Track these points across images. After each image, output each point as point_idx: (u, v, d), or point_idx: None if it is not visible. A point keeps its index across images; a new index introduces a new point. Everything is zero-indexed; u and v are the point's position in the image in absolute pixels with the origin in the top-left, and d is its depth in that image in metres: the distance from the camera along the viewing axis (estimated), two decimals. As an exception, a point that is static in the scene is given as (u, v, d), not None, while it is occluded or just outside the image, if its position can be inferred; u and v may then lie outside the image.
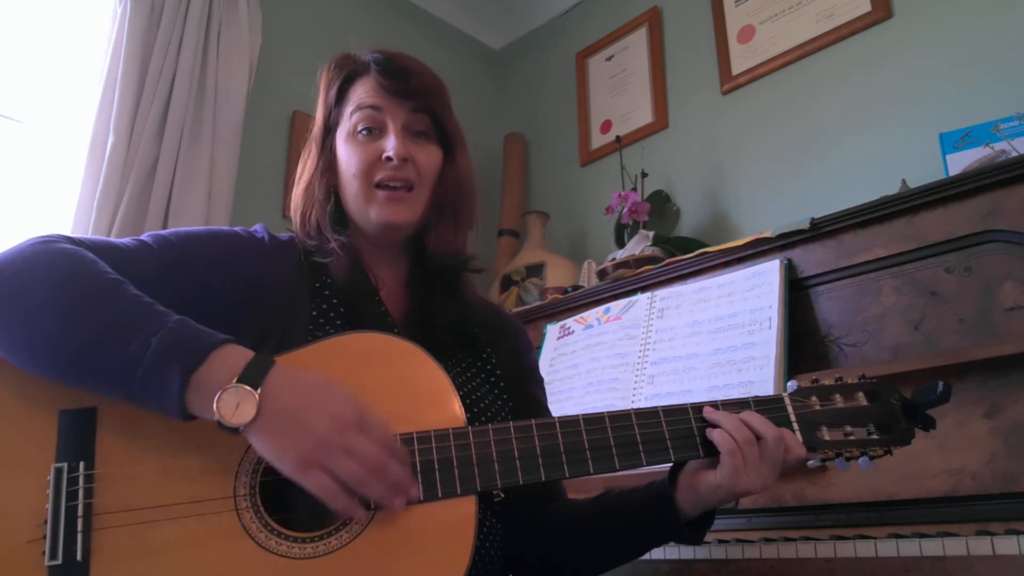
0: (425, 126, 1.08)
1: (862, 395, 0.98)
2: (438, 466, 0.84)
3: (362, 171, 1.04)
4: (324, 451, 0.75)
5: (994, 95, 1.83)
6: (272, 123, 2.53)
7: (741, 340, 1.55)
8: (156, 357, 0.75)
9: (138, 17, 2.12)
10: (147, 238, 0.95)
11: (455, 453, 0.85)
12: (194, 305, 0.91)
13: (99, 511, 0.76)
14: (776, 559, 1.19)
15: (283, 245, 1.05)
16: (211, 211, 2.14)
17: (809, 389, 0.99)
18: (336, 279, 1.02)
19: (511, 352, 1.15)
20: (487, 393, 1.05)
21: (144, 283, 0.87)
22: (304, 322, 0.97)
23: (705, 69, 2.52)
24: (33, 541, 0.74)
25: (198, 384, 0.75)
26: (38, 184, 2.08)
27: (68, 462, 0.77)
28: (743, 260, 1.71)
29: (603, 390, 1.72)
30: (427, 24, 3.10)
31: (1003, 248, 1.36)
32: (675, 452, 0.92)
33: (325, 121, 1.11)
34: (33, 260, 0.82)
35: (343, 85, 1.10)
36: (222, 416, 0.74)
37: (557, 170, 2.96)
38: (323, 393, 0.78)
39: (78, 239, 0.88)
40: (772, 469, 0.91)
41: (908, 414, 0.97)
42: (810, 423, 0.96)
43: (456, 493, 0.83)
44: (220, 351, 0.77)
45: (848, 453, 0.95)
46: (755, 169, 2.32)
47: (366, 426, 0.78)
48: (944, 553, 1.04)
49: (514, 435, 0.88)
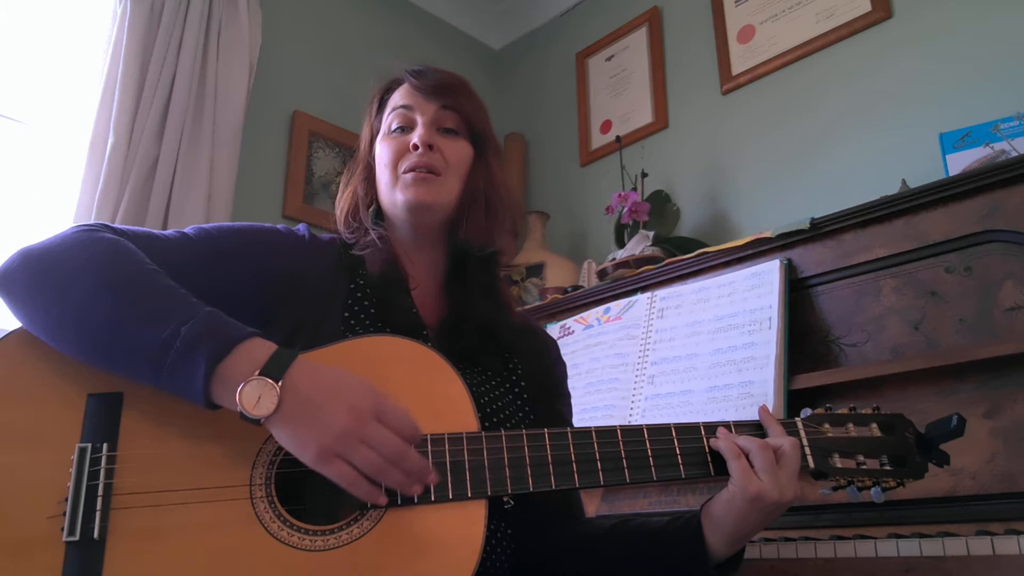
0: (454, 123, 1.10)
1: (876, 426, 0.98)
2: (450, 468, 0.84)
3: (391, 161, 1.07)
4: (343, 442, 0.77)
5: (994, 95, 1.83)
6: (272, 123, 2.53)
7: (741, 340, 1.55)
8: (184, 345, 0.77)
9: (138, 17, 2.12)
10: (189, 230, 0.98)
11: (467, 457, 0.85)
12: (226, 297, 0.93)
13: (118, 491, 0.78)
14: (776, 559, 1.19)
15: (322, 244, 1.07)
16: (211, 211, 2.14)
17: (822, 416, 0.98)
18: (371, 272, 1.04)
19: (538, 365, 1.15)
20: (509, 403, 1.05)
21: (179, 273, 0.89)
22: (336, 321, 0.98)
23: (705, 69, 2.52)
24: (53, 517, 0.76)
25: (222, 375, 0.77)
26: (38, 184, 2.09)
27: (92, 443, 0.80)
28: (743, 260, 1.71)
29: (603, 390, 1.72)
30: (427, 24, 3.10)
31: (1003, 248, 1.36)
32: (686, 469, 0.92)
33: (370, 136, 1.15)
34: (74, 247, 0.85)
35: (383, 97, 1.15)
36: (244, 407, 0.76)
37: (557, 170, 2.96)
38: (342, 385, 0.80)
39: (120, 229, 0.91)
40: (791, 477, 0.89)
41: (921, 448, 0.97)
42: (822, 449, 0.95)
43: (467, 495, 0.84)
44: (246, 344, 0.79)
45: (860, 483, 0.94)
46: (755, 169, 2.32)
47: (384, 416, 0.79)
48: (944, 553, 1.04)
49: (527, 443, 0.88)
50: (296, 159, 2.53)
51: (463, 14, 3.22)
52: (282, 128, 2.56)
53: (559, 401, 1.18)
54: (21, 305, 0.84)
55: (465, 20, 3.24)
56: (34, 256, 0.85)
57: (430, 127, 1.07)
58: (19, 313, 0.85)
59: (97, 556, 0.76)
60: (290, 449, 0.78)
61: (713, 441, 0.93)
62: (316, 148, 2.60)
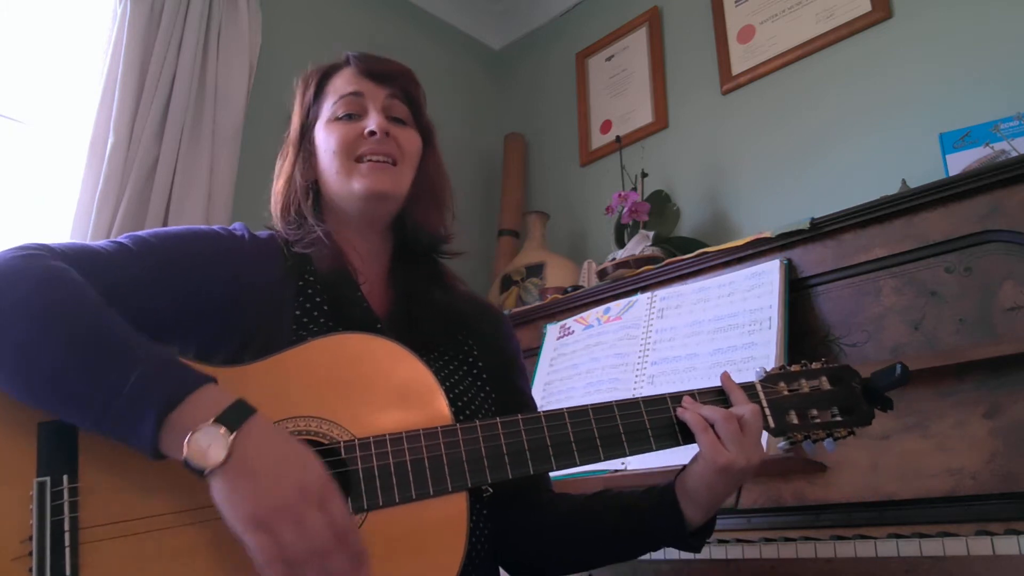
0: (403, 114, 1.10)
1: (825, 379, 1.02)
2: (428, 464, 0.84)
3: (343, 147, 1.04)
4: (278, 516, 0.70)
5: (994, 95, 1.83)
6: (272, 123, 2.52)
7: (741, 340, 1.55)
8: (132, 395, 0.72)
9: (138, 17, 2.12)
10: (125, 240, 0.93)
11: (444, 451, 0.85)
12: (176, 308, 0.90)
13: (86, 524, 0.74)
14: (776, 559, 1.19)
15: (264, 243, 1.04)
16: (211, 211, 2.14)
17: (777, 375, 1.02)
18: (319, 271, 1.01)
19: (492, 341, 1.14)
20: (470, 387, 1.05)
21: (125, 288, 0.85)
22: (288, 322, 0.95)
23: (705, 69, 2.52)
24: (18, 559, 0.72)
25: (173, 424, 0.72)
26: (38, 184, 2.08)
27: (51, 476, 0.74)
28: (743, 260, 1.71)
29: (603, 390, 1.72)
30: (427, 24, 3.10)
31: (1003, 248, 1.36)
32: (656, 441, 0.94)
33: (303, 121, 1.12)
34: (9, 275, 0.79)
35: (321, 82, 1.12)
36: (189, 453, 0.70)
37: (557, 170, 2.96)
38: (297, 458, 0.74)
39: (58, 249, 0.85)
40: (755, 443, 0.92)
41: (868, 396, 1.00)
42: (780, 408, 0.99)
43: (447, 490, 0.84)
44: (200, 392, 0.74)
45: (815, 435, 0.98)
46: (755, 169, 2.31)
47: (327, 505, 0.72)
48: (944, 553, 1.04)
49: (501, 431, 0.89)
50: (296, 159, 2.53)
51: (463, 14, 3.22)
52: (282, 128, 2.53)
53: (517, 375, 1.17)
54: None
55: (465, 20, 3.24)
56: None
57: (383, 113, 1.06)
58: None
59: None
60: (220, 504, 0.71)
61: (680, 412, 0.95)
62: (316, 148, 2.60)
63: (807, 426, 0.98)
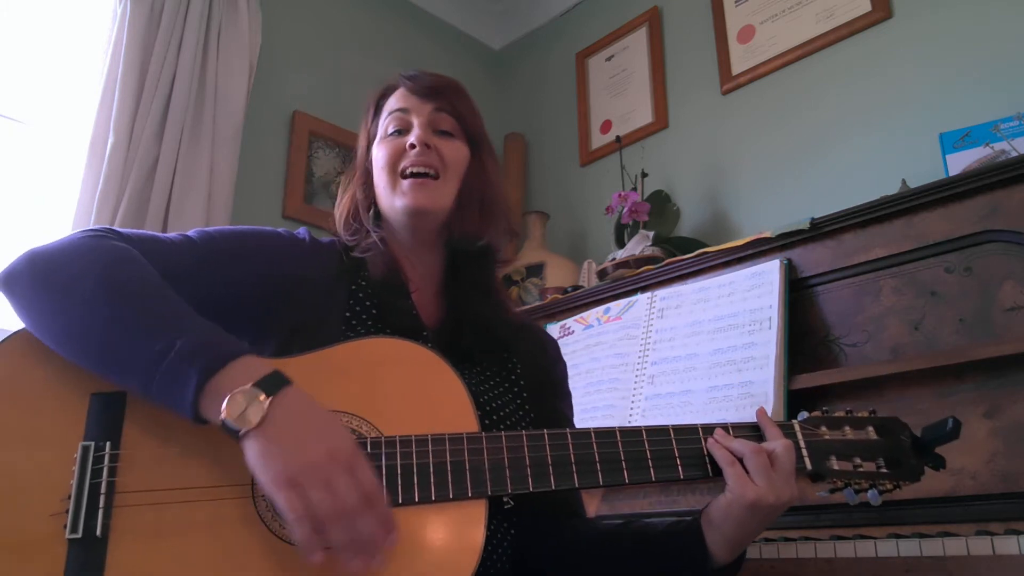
0: (450, 126, 1.11)
1: (872, 429, 0.99)
2: (450, 468, 0.85)
3: (388, 163, 1.07)
4: (308, 474, 0.73)
5: (994, 95, 1.83)
6: (272, 123, 2.53)
7: (741, 340, 1.55)
8: (178, 358, 0.77)
9: (138, 17, 2.12)
10: (192, 233, 0.99)
11: (468, 457, 0.86)
12: (226, 299, 0.95)
13: (121, 489, 0.79)
14: (776, 559, 1.19)
15: (323, 247, 1.08)
16: (211, 211, 2.14)
17: (819, 419, 0.99)
18: (372, 276, 1.04)
19: (538, 364, 1.15)
20: (508, 403, 1.05)
21: (181, 276, 0.90)
22: (338, 321, 0.99)
23: (705, 69, 2.52)
24: (56, 515, 0.77)
25: (213, 389, 0.76)
26: (38, 184, 2.08)
27: (95, 441, 0.80)
28: (743, 260, 1.71)
29: (603, 390, 1.72)
30: (427, 24, 3.10)
31: (1003, 248, 1.36)
32: (684, 470, 0.92)
33: (367, 142, 1.15)
34: (79, 252, 0.86)
35: (379, 102, 1.15)
36: (227, 415, 0.74)
37: (557, 170, 2.96)
38: (329, 425, 0.78)
39: (126, 234, 0.92)
40: (785, 479, 0.89)
41: (918, 451, 0.97)
42: (819, 451, 0.96)
43: (467, 495, 0.84)
44: (241, 360, 0.78)
45: (857, 485, 0.95)
46: (755, 169, 2.32)
47: (355, 469, 0.75)
48: (944, 553, 1.04)
49: (526, 443, 0.89)
50: (296, 159, 2.53)
51: (463, 14, 3.22)
52: (282, 128, 2.56)
53: (560, 400, 1.18)
54: (24, 307, 0.85)
55: (465, 20, 3.24)
56: (40, 259, 0.86)
57: (426, 127, 1.08)
58: (22, 314, 0.85)
59: (99, 553, 0.76)
60: (252, 464, 0.75)
61: (710, 444, 0.93)
62: (316, 148, 2.60)
63: (850, 474, 0.95)
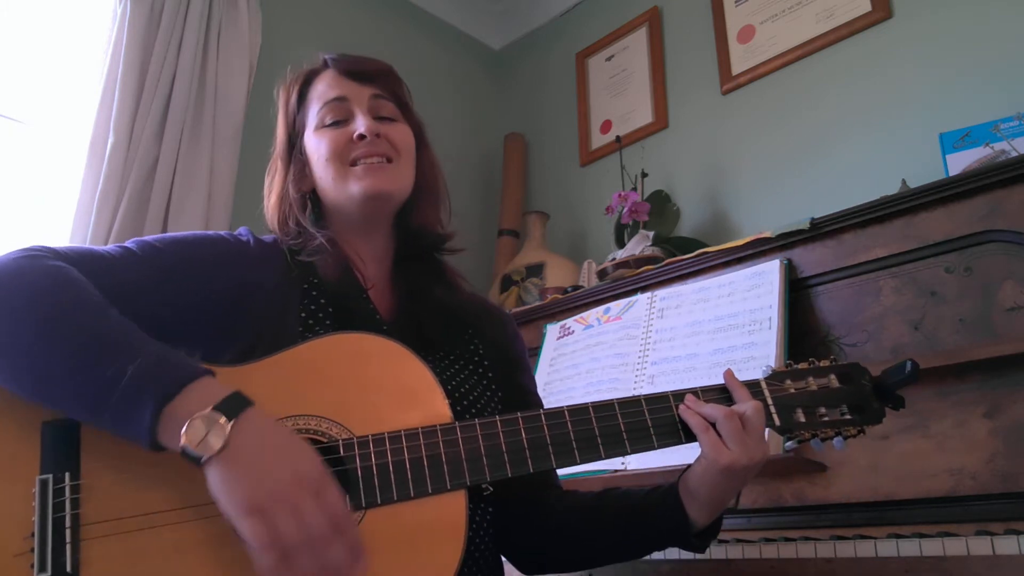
0: (391, 111, 1.08)
1: (834, 377, 1.00)
2: (427, 463, 0.84)
3: (334, 153, 1.03)
4: (274, 502, 0.70)
5: (994, 95, 1.83)
6: (272, 123, 2.52)
7: (741, 340, 1.55)
8: (131, 385, 0.73)
9: (138, 17, 2.12)
10: (132, 245, 0.93)
11: (443, 449, 0.85)
12: (182, 312, 0.91)
13: (87, 521, 0.75)
14: (776, 559, 1.19)
15: (269, 247, 1.03)
16: (211, 211, 2.14)
17: (784, 373, 1.01)
18: (324, 279, 1.01)
19: (498, 341, 1.14)
20: (476, 385, 1.05)
21: (131, 292, 0.86)
22: (294, 324, 0.95)
23: (705, 69, 2.52)
24: (20, 555, 0.73)
25: (171, 415, 0.73)
26: (38, 184, 2.08)
27: (53, 473, 0.76)
28: (743, 260, 1.71)
29: (603, 390, 1.72)
30: (427, 24, 3.10)
31: (1003, 248, 1.36)
32: (658, 439, 0.93)
33: (288, 132, 1.11)
34: (15, 275, 0.80)
35: (302, 89, 1.11)
36: (187, 441, 0.71)
37: (557, 170, 2.96)
38: (293, 447, 0.75)
39: (63, 251, 0.86)
40: (757, 441, 0.91)
41: (879, 394, 0.99)
42: (786, 406, 0.97)
43: (446, 488, 0.84)
44: (198, 383, 0.75)
45: (823, 434, 0.97)
46: (755, 169, 2.31)
47: (323, 495, 0.72)
48: (944, 553, 1.04)
49: (501, 428, 0.89)
50: (296, 159, 2.53)
51: (463, 14, 3.22)
52: (282, 128, 2.55)
53: (522, 374, 1.17)
54: None
55: (465, 20, 3.23)
56: None
57: (370, 115, 1.05)
58: None
59: None
60: (215, 493, 0.71)
61: (682, 410, 0.94)
62: (316, 148, 2.60)
63: (815, 424, 0.96)
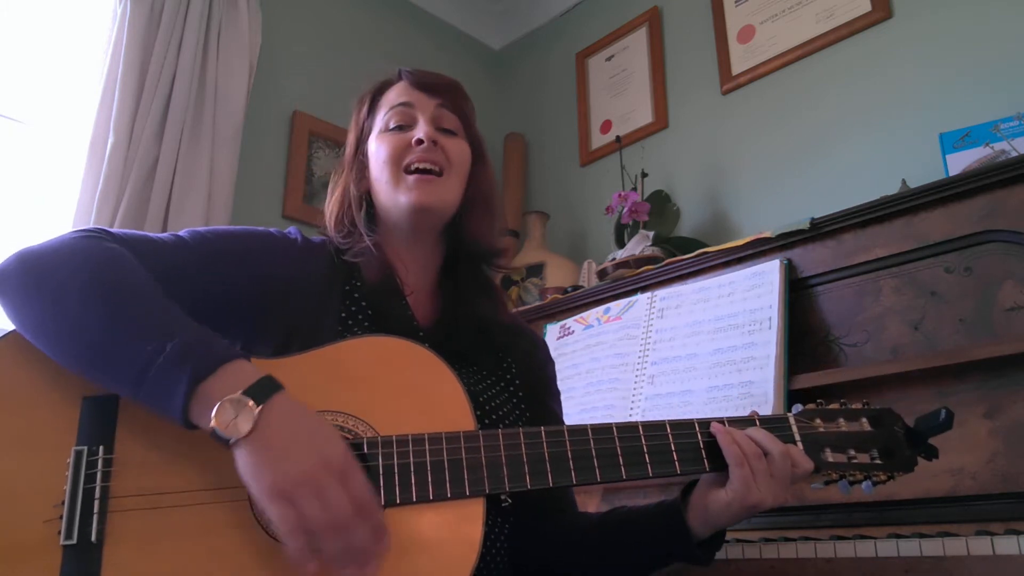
0: (453, 124, 1.10)
1: (865, 421, 0.99)
2: (448, 466, 0.84)
3: (392, 157, 1.05)
4: (300, 487, 0.72)
5: (994, 95, 1.83)
6: (272, 123, 2.53)
7: (741, 340, 1.55)
8: (168, 361, 0.76)
9: (138, 17, 2.12)
10: (184, 234, 0.97)
11: (465, 455, 0.86)
12: (220, 301, 0.93)
13: (115, 494, 0.78)
14: (776, 559, 1.19)
15: (315, 246, 1.06)
16: (211, 211, 2.14)
17: (813, 411, 0.99)
18: (366, 280, 1.03)
19: (531, 364, 1.16)
20: (505, 401, 1.05)
21: (174, 278, 0.89)
22: (333, 322, 0.98)
23: (705, 69, 2.52)
24: (49, 521, 0.76)
25: (203, 394, 0.75)
26: (38, 184, 2.08)
27: (88, 446, 0.79)
28: (743, 260, 1.71)
29: (603, 390, 1.72)
30: (427, 24, 3.10)
31: (1003, 248, 1.36)
32: (681, 465, 0.92)
33: (357, 136, 1.13)
34: (71, 253, 0.84)
35: (375, 97, 1.14)
36: (217, 423, 0.73)
37: (557, 170, 2.96)
38: (320, 432, 0.77)
39: (119, 235, 0.91)
40: (782, 484, 0.91)
41: (911, 441, 0.98)
42: (814, 443, 0.96)
43: (465, 494, 0.84)
44: (231, 365, 0.77)
45: (852, 476, 0.96)
46: (755, 169, 2.31)
47: (348, 479, 0.74)
48: (944, 553, 1.04)
49: (523, 440, 0.89)
50: (296, 159, 2.53)
51: (463, 14, 3.22)
52: (282, 128, 2.56)
53: (552, 399, 1.18)
54: (14, 308, 0.83)
55: (465, 20, 3.24)
56: (31, 259, 0.85)
57: (432, 124, 1.07)
58: (12, 316, 0.84)
59: (95, 559, 0.75)
60: (243, 476, 0.74)
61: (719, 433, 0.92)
62: (316, 148, 2.60)
63: (844, 466, 0.95)
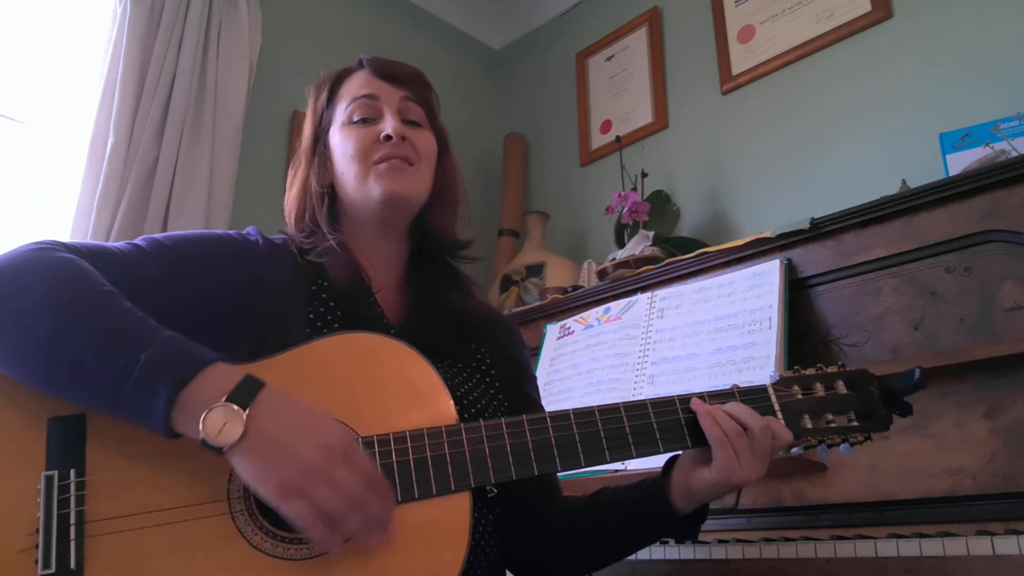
0: (418, 116, 1.09)
1: (842, 384, 1.00)
2: (432, 463, 0.84)
3: (360, 151, 1.04)
4: (308, 479, 0.73)
5: (994, 95, 1.83)
6: (272, 123, 2.53)
7: (741, 340, 1.55)
8: (144, 372, 0.73)
9: (138, 17, 2.12)
10: (141, 242, 0.94)
11: (448, 450, 0.85)
12: (192, 309, 0.91)
13: (91, 518, 0.75)
14: (776, 559, 1.19)
15: (277, 247, 1.03)
16: (211, 211, 2.14)
17: (791, 379, 1.01)
18: (333, 281, 1.01)
19: (505, 352, 1.15)
20: (483, 393, 1.05)
21: (141, 288, 0.86)
22: (302, 324, 0.96)
23: (705, 69, 2.52)
24: (25, 551, 0.73)
25: (185, 402, 0.73)
26: (38, 184, 2.08)
27: (58, 470, 0.76)
28: (743, 260, 1.71)
29: (603, 390, 1.72)
30: (427, 24, 3.10)
31: (1003, 248, 1.36)
32: (664, 444, 0.93)
33: (315, 127, 1.11)
34: (27, 267, 0.81)
35: (333, 86, 1.12)
36: (207, 435, 0.72)
37: (557, 170, 2.96)
38: (313, 420, 0.77)
39: (74, 246, 0.87)
40: (763, 459, 0.92)
41: (886, 401, 0.99)
42: (793, 412, 0.97)
43: (451, 489, 0.84)
44: (211, 369, 0.76)
45: (830, 440, 0.97)
46: (755, 169, 2.31)
47: (352, 459, 0.75)
48: (944, 553, 1.04)
49: (506, 431, 0.88)
50: (296, 159, 2.53)
51: (463, 14, 3.22)
52: (282, 128, 2.56)
53: (528, 384, 1.17)
54: None
55: (465, 20, 3.23)
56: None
57: (398, 117, 1.05)
58: None
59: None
60: (249, 481, 0.74)
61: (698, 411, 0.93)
62: (316, 148, 2.60)
63: (822, 431, 0.96)
